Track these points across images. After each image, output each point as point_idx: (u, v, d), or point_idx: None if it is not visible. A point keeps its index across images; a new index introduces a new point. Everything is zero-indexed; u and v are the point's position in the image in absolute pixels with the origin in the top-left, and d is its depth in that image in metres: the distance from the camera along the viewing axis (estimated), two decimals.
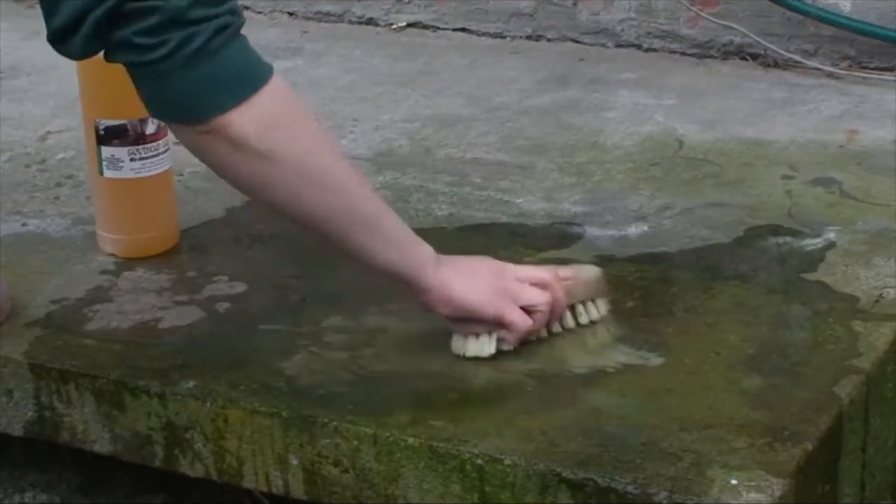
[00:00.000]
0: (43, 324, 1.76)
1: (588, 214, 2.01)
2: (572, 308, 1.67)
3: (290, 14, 3.11)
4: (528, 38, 2.89)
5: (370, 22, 3.04)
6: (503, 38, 2.91)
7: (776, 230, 1.93)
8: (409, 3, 3.01)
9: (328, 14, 3.08)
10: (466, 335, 1.62)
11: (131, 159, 1.87)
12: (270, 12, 3.11)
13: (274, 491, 1.59)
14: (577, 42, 2.85)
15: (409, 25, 3.01)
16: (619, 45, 2.82)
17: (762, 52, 2.68)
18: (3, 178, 2.22)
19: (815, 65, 2.63)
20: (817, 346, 1.63)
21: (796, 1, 2.63)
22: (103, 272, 1.89)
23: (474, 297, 1.59)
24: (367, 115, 2.47)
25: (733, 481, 1.38)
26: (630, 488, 1.39)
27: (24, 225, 2.04)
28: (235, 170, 1.50)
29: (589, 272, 1.70)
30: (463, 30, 2.96)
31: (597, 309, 1.69)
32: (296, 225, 1.57)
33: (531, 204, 2.06)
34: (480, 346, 1.62)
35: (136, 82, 1.48)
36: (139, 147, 1.86)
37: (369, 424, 1.51)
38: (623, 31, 2.82)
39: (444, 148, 2.31)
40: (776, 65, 2.67)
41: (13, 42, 2.90)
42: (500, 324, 1.60)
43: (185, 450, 1.61)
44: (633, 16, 2.80)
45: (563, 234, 1.95)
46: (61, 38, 1.45)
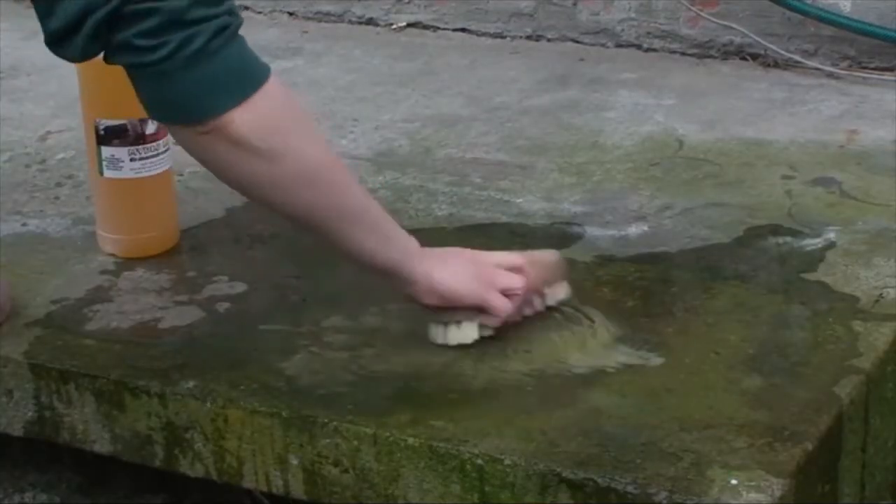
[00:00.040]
0: (43, 324, 1.75)
1: (588, 214, 2.01)
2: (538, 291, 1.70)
3: (290, 14, 3.11)
4: (528, 38, 2.89)
5: (370, 22, 3.04)
6: (503, 38, 2.91)
7: (776, 230, 1.93)
8: (409, 3, 3.01)
9: (328, 14, 3.08)
10: (448, 324, 1.64)
11: (131, 159, 1.87)
12: (270, 12, 3.11)
13: (274, 491, 1.59)
14: (577, 42, 2.85)
15: (409, 25, 3.01)
16: (619, 45, 2.82)
17: (762, 52, 2.68)
18: (3, 178, 2.22)
19: (815, 65, 2.63)
20: (817, 346, 1.63)
21: (796, 1, 2.63)
22: (103, 272, 1.89)
23: (459, 286, 1.61)
24: (367, 115, 2.47)
25: (733, 481, 1.38)
26: (630, 488, 1.39)
27: (24, 225, 2.04)
28: (235, 169, 1.51)
29: (550, 256, 1.72)
30: (463, 30, 2.96)
31: (559, 292, 1.71)
32: (289, 221, 1.60)
33: (531, 204, 2.06)
34: (464, 333, 1.64)
35: (136, 84, 1.49)
36: (139, 147, 1.86)
37: (369, 424, 1.51)
38: (623, 31, 2.82)
39: (444, 148, 2.30)
40: (776, 65, 2.66)
41: (13, 42, 2.90)
42: (482, 309, 1.63)
43: (185, 450, 1.61)
44: (633, 16, 2.80)
45: (563, 234, 1.95)
46: (59, 40, 1.45)
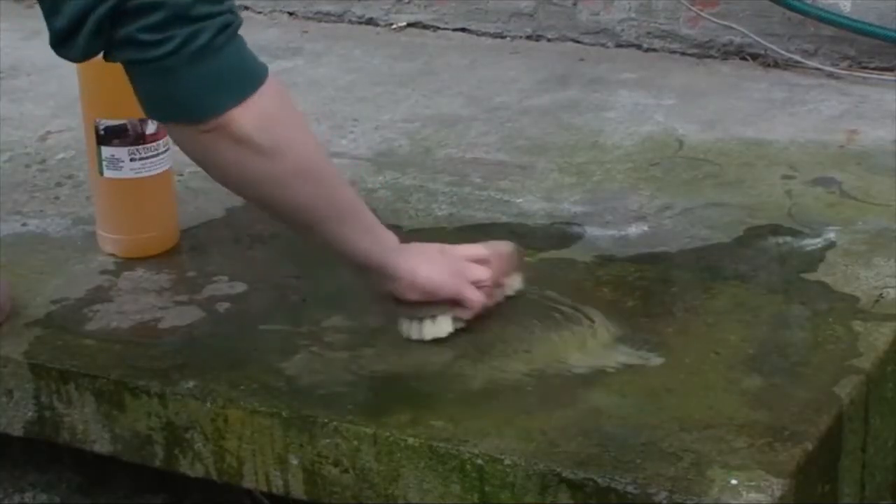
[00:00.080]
0: (43, 324, 1.75)
1: (588, 214, 2.01)
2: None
3: (290, 14, 3.11)
4: (528, 38, 2.89)
5: (370, 22, 3.04)
6: (503, 38, 2.91)
7: (776, 230, 1.93)
8: (409, 3, 3.01)
9: (328, 14, 3.08)
10: (423, 319, 1.64)
11: (131, 159, 1.87)
12: (270, 12, 3.11)
13: (274, 491, 1.59)
14: (577, 42, 2.85)
15: (409, 25, 3.01)
16: (619, 45, 2.82)
17: (762, 52, 2.68)
18: (3, 178, 2.22)
19: (815, 65, 2.63)
20: (817, 346, 1.63)
21: (796, 1, 2.63)
22: (103, 272, 1.89)
23: (438, 280, 1.63)
24: (367, 115, 2.47)
25: (733, 481, 1.38)
26: (630, 488, 1.39)
27: (24, 225, 2.04)
28: (235, 167, 1.51)
29: (506, 247, 1.74)
30: (463, 30, 2.96)
31: (516, 282, 1.73)
32: (282, 219, 1.60)
33: (531, 204, 2.06)
34: (439, 327, 1.65)
35: (136, 82, 1.48)
36: (139, 147, 1.86)
37: (369, 424, 1.51)
38: (623, 31, 2.82)
39: (444, 148, 2.30)
40: (776, 65, 2.66)
41: (13, 42, 2.90)
42: (455, 303, 1.64)
43: (185, 450, 1.61)
44: (633, 16, 2.80)
45: (563, 234, 1.95)
46: (63, 39, 1.45)
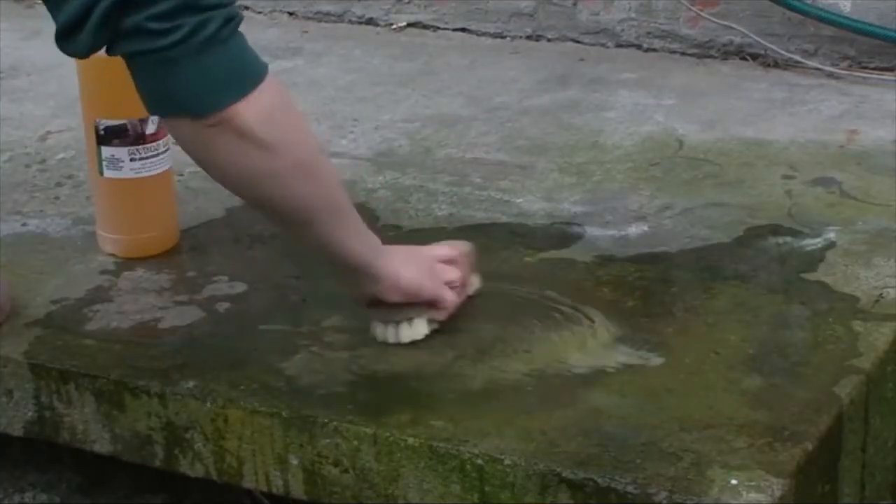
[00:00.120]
0: (43, 324, 1.75)
1: (588, 214, 2.01)
2: None
3: (290, 14, 3.11)
4: (528, 38, 2.89)
5: (370, 22, 3.04)
6: (503, 38, 2.91)
7: (776, 230, 1.93)
8: (409, 3, 3.01)
9: (328, 14, 3.08)
10: (399, 322, 1.64)
11: (131, 159, 1.87)
12: (270, 12, 3.11)
13: (274, 491, 1.59)
14: (577, 42, 2.85)
15: (409, 25, 3.01)
16: (619, 45, 2.82)
17: (762, 52, 2.68)
18: (3, 178, 2.22)
19: (815, 65, 2.63)
20: (817, 346, 1.63)
21: (796, 1, 2.63)
22: (103, 272, 1.88)
23: (418, 282, 1.63)
24: (367, 115, 2.47)
25: (733, 481, 1.38)
26: (630, 488, 1.39)
27: (24, 225, 2.04)
28: (236, 163, 1.49)
29: (466, 246, 1.74)
30: (463, 30, 2.96)
31: (475, 282, 1.74)
32: (277, 217, 1.58)
33: (531, 204, 2.06)
34: (415, 329, 1.65)
35: (140, 75, 1.47)
36: (139, 147, 1.86)
37: (369, 424, 1.51)
38: (623, 31, 2.82)
39: (444, 148, 2.30)
40: (776, 65, 2.66)
41: (13, 42, 2.90)
42: (431, 304, 1.64)
43: (185, 450, 1.61)
44: (633, 16, 2.80)
45: (563, 234, 1.95)
46: (69, 32, 1.44)
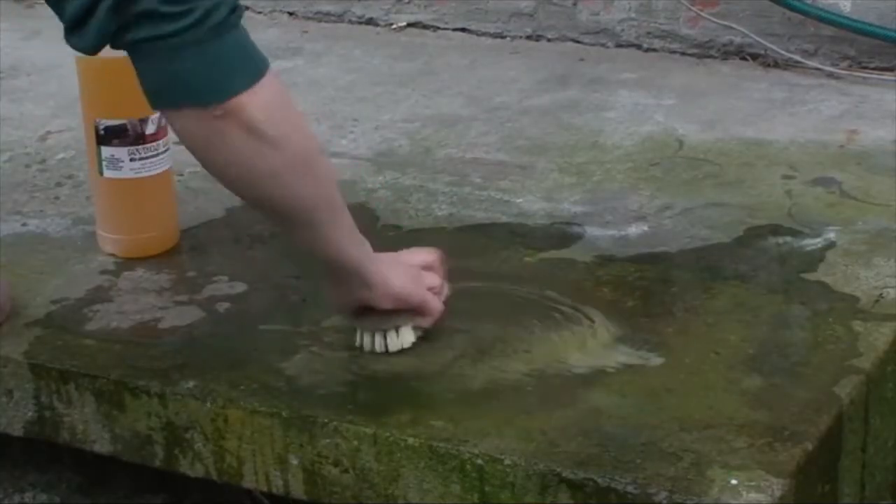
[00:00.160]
0: (43, 324, 1.75)
1: (588, 214, 2.01)
2: None
3: (290, 14, 3.11)
4: (528, 38, 2.89)
5: (370, 22, 3.04)
6: (503, 38, 2.91)
7: (776, 230, 1.93)
8: (409, 3, 3.01)
9: (328, 14, 3.08)
10: (386, 331, 1.63)
11: (131, 159, 1.87)
12: (270, 12, 3.11)
13: (274, 491, 1.59)
14: (577, 42, 2.85)
15: (409, 25, 3.01)
16: (619, 45, 2.82)
17: (762, 52, 2.68)
18: (3, 178, 2.22)
19: (815, 65, 2.63)
20: (817, 346, 1.63)
21: (796, 1, 2.63)
22: (103, 272, 1.88)
23: (407, 289, 1.61)
24: (367, 115, 2.47)
25: (733, 481, 1.38)
26: (630, 488, 1.39)
27: (24, 225, 2.04)
28: (238, 157, 1.47)
29: (437, 252, 1.71)
30: (463, 30, 2.96)
31: (447, 288, 1.71)
32: (276, 215, 1.56)
33: (531, 204, 2.06)
34: (403, 338, 1.64)
35: (146, 65, 1.44)
36: (139, 147, 1.86)
37: (369, 424, 1.51)
38: (623, 31, 2.82)
39: (444, 148, 2.30)
40: (776, 65, 2.66)
41: (13, 42, 2.90)
42: (417, 311, 1.63)
43: (185, 450, 1.61)
44: (633, 16, 2.80)
45: (563, 234, 1.95)
46: (78, 23, 1.42)
